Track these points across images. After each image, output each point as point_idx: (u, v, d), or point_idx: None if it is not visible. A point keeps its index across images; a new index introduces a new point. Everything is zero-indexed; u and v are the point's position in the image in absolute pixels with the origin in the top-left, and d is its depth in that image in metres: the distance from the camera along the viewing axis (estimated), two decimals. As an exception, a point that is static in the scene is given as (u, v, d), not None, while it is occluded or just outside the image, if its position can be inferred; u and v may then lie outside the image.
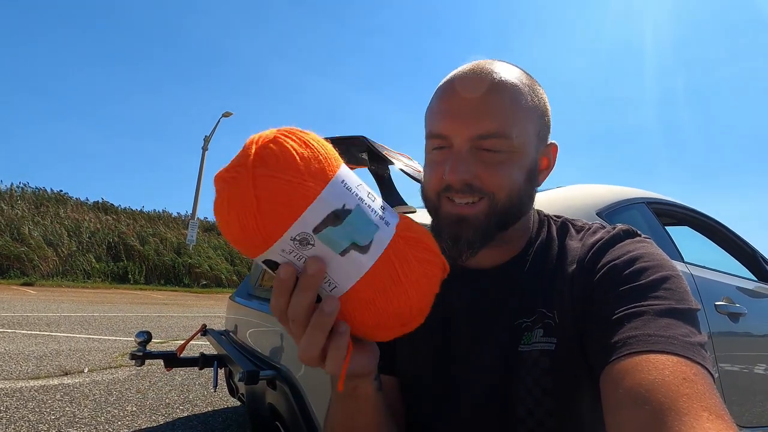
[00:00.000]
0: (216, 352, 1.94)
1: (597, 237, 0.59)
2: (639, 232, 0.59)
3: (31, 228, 12.40)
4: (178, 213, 18.37)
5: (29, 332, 4.41)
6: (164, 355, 1.85)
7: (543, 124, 0.60)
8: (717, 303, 1.67)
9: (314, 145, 0.40)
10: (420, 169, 1.48)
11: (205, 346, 3.99)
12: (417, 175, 1.43)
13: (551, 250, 0.62)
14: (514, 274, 0.62)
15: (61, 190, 16.07)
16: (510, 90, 0.56)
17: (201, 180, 16.29)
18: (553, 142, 0.63)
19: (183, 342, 1.88)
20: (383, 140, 1.57)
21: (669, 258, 0.54)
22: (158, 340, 4.32)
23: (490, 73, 0.57)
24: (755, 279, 2.21)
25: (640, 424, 0.37)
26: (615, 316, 0.48)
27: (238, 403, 2.66)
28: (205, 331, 2.12)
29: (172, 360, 1.84)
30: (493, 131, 0.55)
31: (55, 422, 2.16)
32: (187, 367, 2.51)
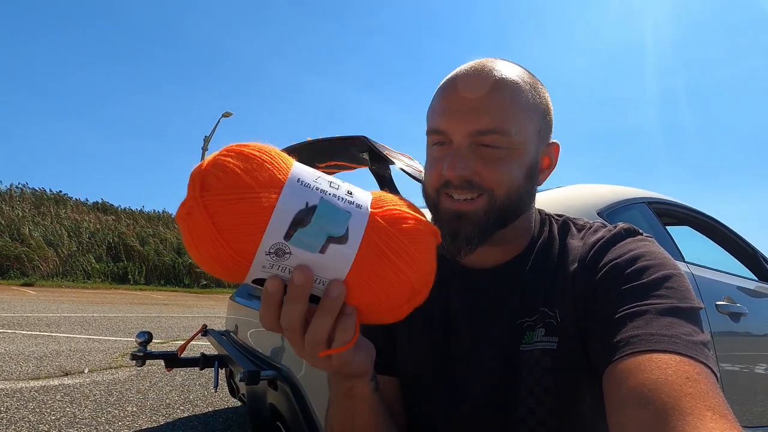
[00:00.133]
0: (217, 353, 1.93)
1: (598, 236, 0.59)
2: (640, 231, 0.59)
3: (31, 228, 12.41)
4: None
5: (29, 333, 4.41)
6: (165, 356, 1.84)
7: (544, 123, 0.60)
8: (718, 303, 1.67)
9: (256, 155, 0.39)
10: (421, 169, 1.48)
11: (206, 346, 3.99)
12: (418, 175, 1.43)
13: (553, 249, 0.62)
14: (515, 274, 0.62)
15: (61, 191, 16.11)
16: (510, 87, 0.56)
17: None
18: (555, 141, 0.63)
19: (183, 342, 1.88)
20: (384, 140, 1.57)
21: (671, 256, 0.54)
22: (158, 341, 4.32)
23: (491, 71, 0.57)
24: (756, 279, 2.21)
25: (643, 424, 0.37)
26: (617, 315, 0.48)
27: (238, 403, 2.65)
28: (205, 332, 2.12)
29: (173, 360, 1.84)
30: (492, 127, 0.55)
31: (56, 423, 2.15)
32: (188, 368, 2.52)
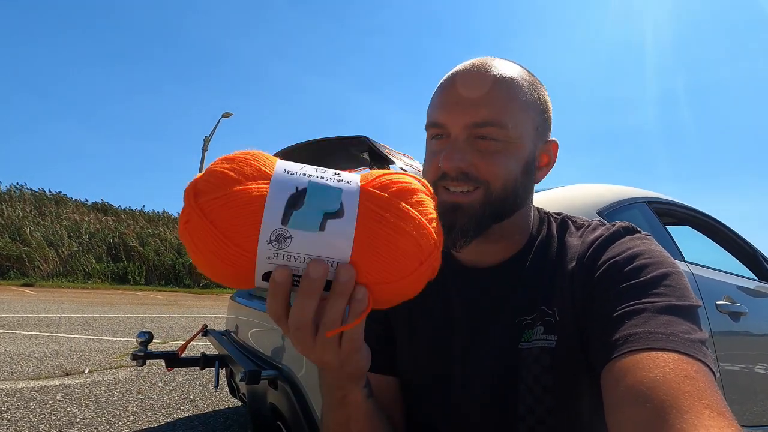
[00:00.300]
0: (217, 352, 1.93)
1: (597, 234, 0.59)
2: (639, 229, 0.59)
3: (32, 228, 12.41)
4: (179, 213, 18.33)
5: (30, 333, 4.41)
6: (165, 356, 1.84)
7: (542, 119, 0.60)
8: (718, 302, 1.67)
9: (240, 156, 0.41)
10: (421, 168, 1.48)
11: (206, 346, 3.99)
12: (418, 175, 1.43)
13: (551, 247, 0.62)
14: (514, 272, 0.62)
15: (60, 191, 16.09)
16: (508, 83, 0.57)
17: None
18: (554, 139, 0.63)
19: (184, 342, 1.88)
20: (384, 141, 1.57)
21: (669, 255, 0.54)
22: (159, 341, 4.32)
23: (489, 68, 0.58)
24: (756, 278, 2.21)
25: (641, 422, 0.37)
26: (615, 314, 0.48)
27: (239, 403, 2.66)
28: (205, 332, 2.12)
29: (173, 360, 1.84)
30: (489, 119, 0.55)
31: (56, 423, 2.16)
32: (188, 368, 2.52)
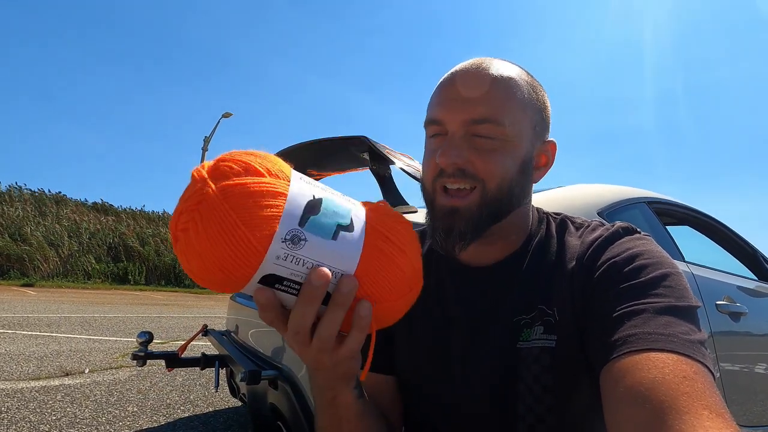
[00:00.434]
0: (217, 353, 1.93)
1: (596, 234, 0.59)
2: (638, 229, 0.59)
3: (32, 229, 12.40)
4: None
5: (30, 333, 4.41)
6: (166, 356, 1.84)
7: (540, 119, 0.61)
8: (718, 302, 1.67)
9: (262, 153, 0.40)
10: (421, 169, 1.48)
11: (206, 346, 3.99)
12: (418, 175, 1.43)
13: (550, 247, 0.62)
14: (512, 271, 0.62)
15: (60, 191, 16.09)
16: (506, 82, 0.57)
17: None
18: (552, 139, 0.63)
19: (184, 342, 1.88)
20: (385, 141, 1.57)
21: (668, 255, 0.54)
22: (159, 341, 4.32)
23: (488, 67, 0.58)
24: (756, 278, 2.21)
25: (640, 423, 0.37)
26: (615, 314, 0.48)
27: (239, 403, 2.66)
28: (206, 332, 2.12)
29: (174, 360, 1.84)
30: (486, 116, 0.55)
31: (57, 423, 2.16)
32: (189, 368, 2.52)
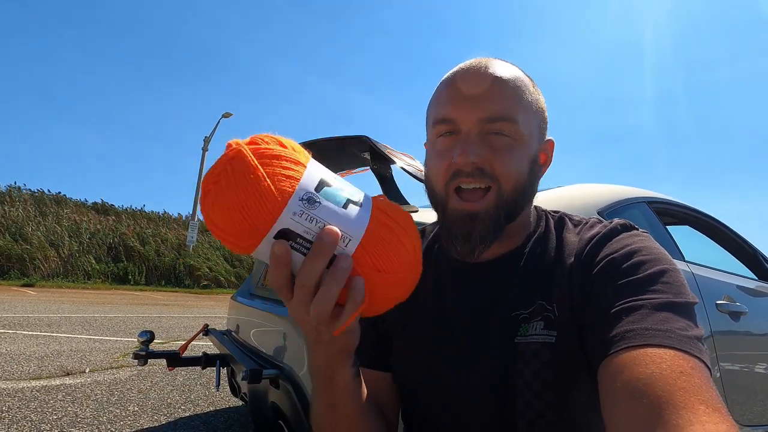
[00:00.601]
0: (218, 352, 1.94)
1: (595, 231, 0.59)
2: (636, 226, 0.59)
3: (33, 229, 12.40)
4: (179, 214, 18.37)
5: (30, 333, 4.41)
6: (167, 355, 1.85)
7: (542, 118, 0.62)
8: (718, 302, 1.68)
9: (287, 139, 0.45)
10: (422, 168, 1.49)
11: (207, 346, 4.00)
12: (419, 175, 1.44)
13: (549, 244, 0.62)
14: (511, 267, 0.62)
15: (60, 192, 16.08)
16: (515, 81, 0.58)
17: (201, 181, 16.22)
18: (551, 138, 0.64)
19: (185, 342, 1.88)
20: (386, 142, 1.57)
21: (666, 252, 0.55)
22: (159, 341, 4.31)
23: (495, 66, 0.58)
24: (756, 278, 2.22)
25: (637, 418, 0.38)
26: (613, 310, 0.48)
27: (240, 402, 2.66)
28: (207, 331, 2.12)
29: (175, 359, 1.84)
30: (501, 114, 0.56)
31: (58, 422, 2.16)
32: (189, 368, 2.52)
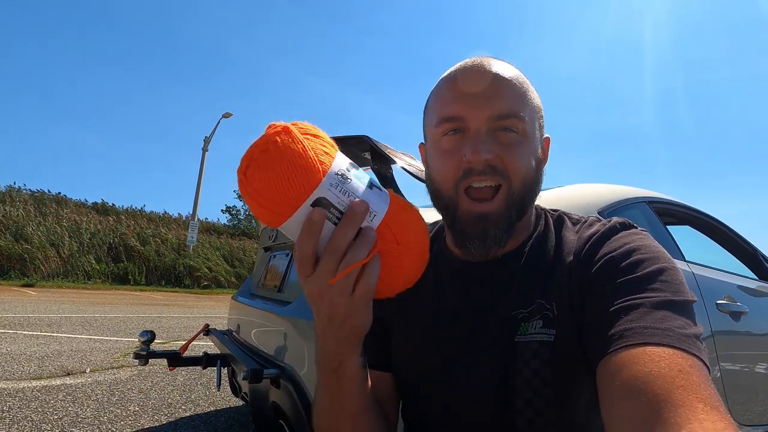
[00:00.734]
0: (219, 352, 1.94)
1: (594, 230, 0.60)
2: (635, 225, 0.59)
3: (33, 229, 12.40)
4: (179, 214, 18.38)
5: (31, 333, 4.42)
6: (168, 354, 1.85)
7: (540, 116, 0.62)
8: (718, 301, 1.68)
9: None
10: (423, 168, 1.49)
11: (208, 346, 4.00)
12: (420, 174, 1.44)
13: (548, 242, 0.62)
14: (511, 266, 0.62)
15: (60, 192, 16.08)
16: (517, 78, 0.59)
17: (201, 181, 16.22)
18: (547, 135, 0.65)
19: (186, 341, 1.88)
20: (388, 142, 1.58)
21: (665, 250, 0.55)
22: (160, 341, 4.31)
23: (495, 65, 0.59)
24: (756, 278, 2.22)
25: (636, 417, 0.38)
26: (612, 309, 0.48)
27: (240, 402, 2.66)
28: (207, 331, 2.12)
29: (176, 359, 1.85)
30: (510, 111, 0.56)
31: (58, 422, 2.16)
32: (190, 367, 2.52)
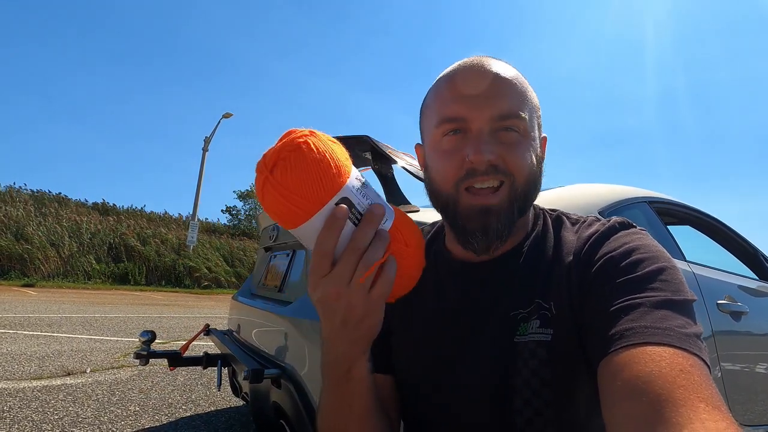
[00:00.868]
0: (220, 352, 1.94)
1: (593, 229, 0.59)
2: (634, 224, 0.59)
3: (34, 229, 12.40)
4: (179, 214, 18.40)
5: (31, 333, 4.42)
6: (168, 354, 1.85)
7: (539, 115, 0.62)
8: (719, 301, 1.68)
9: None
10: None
11: (208, 346, 4.00)
12: (420, 174, 1.44)
13: (547, 242, 0.62)
14: (510, 266, 0.62)
15: (60, 192, 16.11)
16: (517, 78, 0.59)
17: (201, 181, 16.23)
18: (545, 134, 0.65)
19: (186, 341, 1.88)
20: (387, 141, 1.58)
21: (664, 249, 0.55)
22: (160, 341, 4.31)
23: (495, 65, 0.59)
24: (757, 278, 2.22)
25: (637, 416, 0.38)
26: (612, 309, 0.48)
27: (241, 402, 2.66)
28: (208, 331, 2.12)
29: (176, 359, 1.85)
30: (511, 111, 0.56)
31: (59, 422, 2.16)
32: (190, 367, 2.52)
